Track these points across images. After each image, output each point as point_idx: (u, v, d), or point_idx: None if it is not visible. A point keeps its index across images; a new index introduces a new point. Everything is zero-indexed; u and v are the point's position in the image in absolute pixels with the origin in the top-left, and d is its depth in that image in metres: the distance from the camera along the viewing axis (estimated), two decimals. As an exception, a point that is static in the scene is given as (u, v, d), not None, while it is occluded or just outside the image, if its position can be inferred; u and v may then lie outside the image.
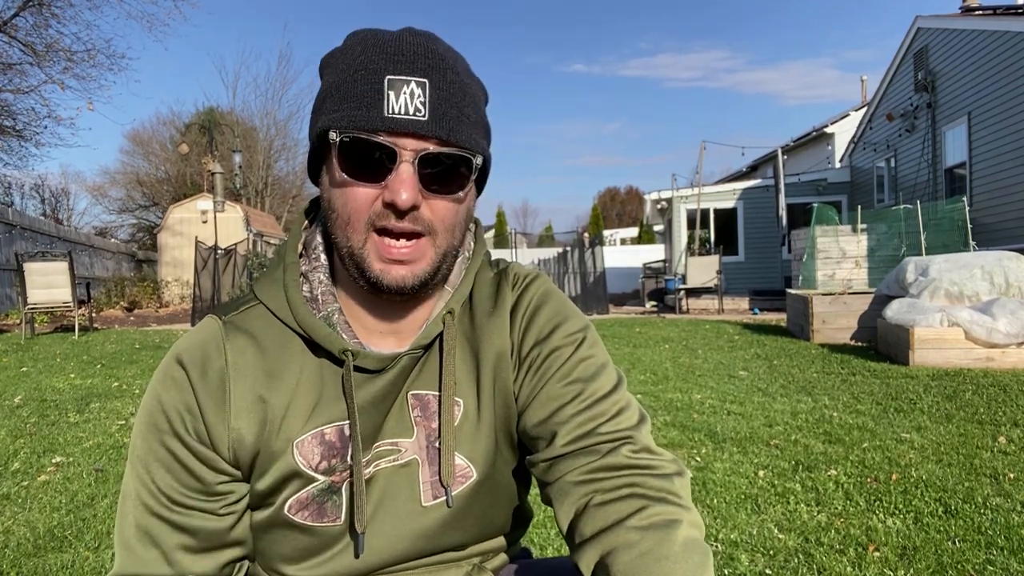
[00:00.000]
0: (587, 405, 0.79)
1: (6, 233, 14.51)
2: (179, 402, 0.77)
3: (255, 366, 0.78)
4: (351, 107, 0.71)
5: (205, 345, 0.79)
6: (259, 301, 0.82)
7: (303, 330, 0.79)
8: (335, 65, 0.76)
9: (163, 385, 0.79)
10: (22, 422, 4.72)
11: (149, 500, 0.77)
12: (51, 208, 31.42)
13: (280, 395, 0.78)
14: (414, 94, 0.70)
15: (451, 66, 0.74)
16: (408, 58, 0.71)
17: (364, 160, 0.72)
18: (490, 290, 0.88)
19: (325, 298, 0.81)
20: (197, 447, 0.77)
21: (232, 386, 0.77)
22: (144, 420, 0.79)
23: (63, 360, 7.72)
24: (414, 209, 0.72)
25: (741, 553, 2.41)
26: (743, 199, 17.09)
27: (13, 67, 15.58)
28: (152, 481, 0.77)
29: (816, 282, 10.45)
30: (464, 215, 0.78)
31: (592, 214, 41.90)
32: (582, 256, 15.32)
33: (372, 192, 0.72)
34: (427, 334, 0.81)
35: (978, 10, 12.42)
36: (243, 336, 0.80)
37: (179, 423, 0.77)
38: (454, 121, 0.72)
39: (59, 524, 2.84)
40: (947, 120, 12.29)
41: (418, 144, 0.71)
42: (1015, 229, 10.12)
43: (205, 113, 28.66)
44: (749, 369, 6.31)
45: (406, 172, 0.70)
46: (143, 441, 0.78)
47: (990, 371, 5.68)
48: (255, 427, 0.77)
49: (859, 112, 18.23)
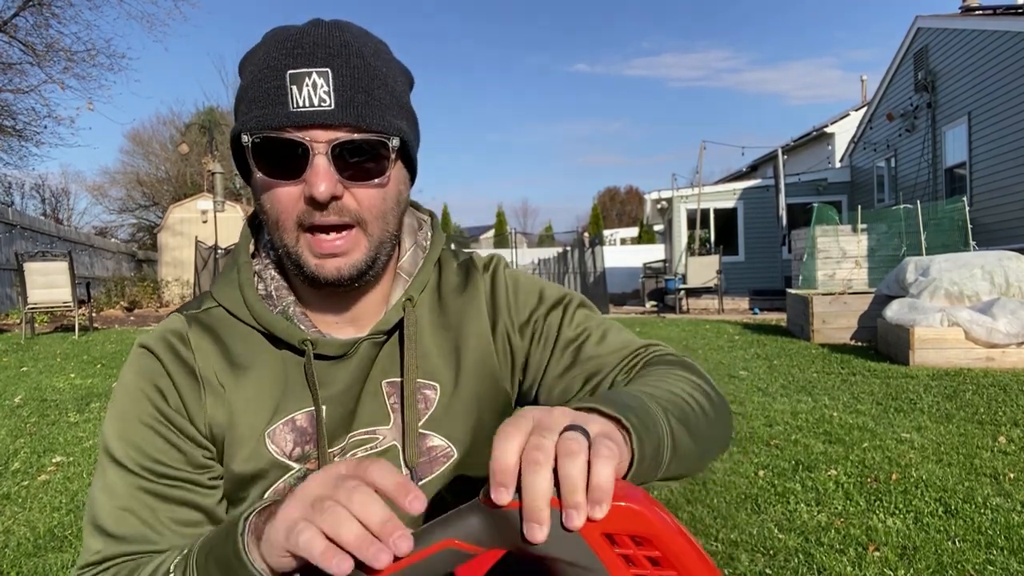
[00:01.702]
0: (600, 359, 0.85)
1: (6, 233, 14.51)
2: (153, 382, 0.78)
3: (220, 360, 0.79)
4: (258, 107, 0.71)
5: (171, 336, 0.80)
6: (218, 303, 0.83)
7: (262, 326, 0.80)
8: (246, 67, 0.76)
9: (135, 369, 0.79)
10: (22, 422, 4.72)
11: (132, 477, 0.75)
12: (51, 208, 31.46)
13: (245, 389, 0.79)
14: (317, 84, 0.70)
15: (356, 51, 0.73)
16: (307, 50, 0.71)
17: (279, 159, 0.71)
18: (459, 277, 0.90)
19: (279, 293, 0.82)
20: (177, 418, 0.77)
21: (202, 373, 0.78)
22: (119, 404, 0.78)
23: (63, 360, 7.72)
24: (336, 199, 0.72)
25: (741, 553, 2.41)
26: (743, 199, 17.09)
27: (13, 67, 15.59)
28: (138, 451, 0.75)
29: (816, 282, 10.45)
30: (393, 201, 0.77)
31: (592, 214, 41.89)
32: (582, 256, 15.33)
33: (294, 190, 0.72)
34: (386, 320, 0.82)
35: (978, 10, 12.42)
36: (207, 332, 0.81)
37: (158, 398, 0.77)
38: (362, 106, 0.71)
39: (59, 524, 2.84)
40: (947, 120, 12.28)
41: (328, 135, 0.70)
42: (1015, 229, 10.11)
43: (205, 113, 28.64)
44: (749, 369, 6.31)
45: (320, 164, 0.70)
46: (120, 423, 0.77)
47: (990, 371, 5.68)
48: (225, 414, 0.78)
49: (859, 112, 18.21)
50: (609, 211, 58.77)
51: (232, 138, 0.75)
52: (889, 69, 14.61)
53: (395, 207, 0.78)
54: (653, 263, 18.92)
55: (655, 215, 20.28)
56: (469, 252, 0.95)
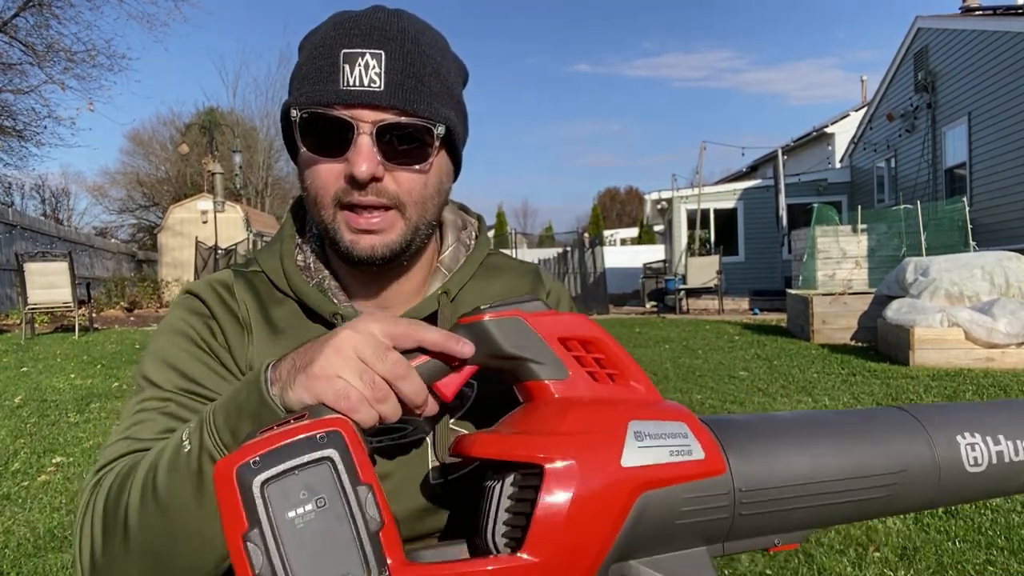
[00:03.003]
0: None
1: (6, 233, 14.52)
2: (200, 319, 0.79)
3: (259, 316, 0.80)
4: (309, 84, 0.72)
5: (217, 284, 0.82)
6: (260, 269, 0.84)
7: (296, 295, 0.80)
8: (304, 46, 0.78)
9: (180, 309, 0.80)
10: (22, 422, 4.72)
11: (167, 394, 0.74)
12: (51, 208, 31.47)
13: (277, 349, 0.78)
14: (369, 65, 0.70)
15: (412, 38, 0.73)
16: (364, 31, 0.72)
17: (324, 135, 0.72)
18: (519, 281, 0.91)
19: (317, 266, 0.84)
20: (222, 352, 0.77)
21: (245, 320, 0.79)
22: (161, 337, 0.78)
23: (63, 360, 7.72)
24: (376, 181, 0.72)
25: (741, 553, 2.41)
26: (743, 199, 17.09)
27: (13, 67, 15.61)
28: (178, 374, 0.75)
29: (816, 282, 10.45)
30: (434, 188, 0.78)
31: (592, 214, 41.91)
32: (582, 256, 15.32)
33: (335, 167, 0.73)
34: (418, 309, 0.82)
35: (978, 10, 12.42)
36: (251, 289, 0.82)
37: (205, 331, 0.78)
38: (411, 91, 0.72)
39: (59, 524, 2.84)
40: (947, 120, 12.29)
41: (375, 115, 0.71)
42: (1015, 229, 10.12)
43: (205, 113, 28.69)
44: (749, 369, 6.31)
45: (364, 144, 0.70)
46: (161, 352, 0.76)
47: (990, 371, 5.68)
48: (267, 354, 0.77)
49: (859, 112, 18.22)
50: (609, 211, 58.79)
51: (282, 114, 0.76)
52: (889, 69, 14.62)
53: (435, 195, 0.78)
54: (653, 263, 18.91)
55: (655, 215, 20.28)
56: (536, 264, 0.97)
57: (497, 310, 0.61)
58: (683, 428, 0.57)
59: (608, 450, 0.54)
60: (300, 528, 0.50)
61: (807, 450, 0.60)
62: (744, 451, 0.58)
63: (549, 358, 0.60)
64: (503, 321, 0.60)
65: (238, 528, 0.50)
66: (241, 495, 0.50)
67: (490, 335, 0.60)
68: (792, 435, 0.61)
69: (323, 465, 0.51)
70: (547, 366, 0.60)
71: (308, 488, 0.51)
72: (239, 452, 0.51)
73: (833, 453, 0.61)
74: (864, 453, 0.61)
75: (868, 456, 0.61)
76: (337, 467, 0.51)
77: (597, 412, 0.57)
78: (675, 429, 0.57)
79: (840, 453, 0.61)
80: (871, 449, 0.62)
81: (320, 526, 0.50)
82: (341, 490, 0.51)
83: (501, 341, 0.60)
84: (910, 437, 0.63)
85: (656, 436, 0.56)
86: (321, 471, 0.51)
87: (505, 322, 0.60)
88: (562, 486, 0.52)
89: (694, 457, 0.56)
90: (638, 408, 0.58)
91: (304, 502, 0.50)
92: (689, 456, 0.56)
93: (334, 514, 0.51)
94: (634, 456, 0.54)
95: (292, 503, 0.50)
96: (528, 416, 0.59)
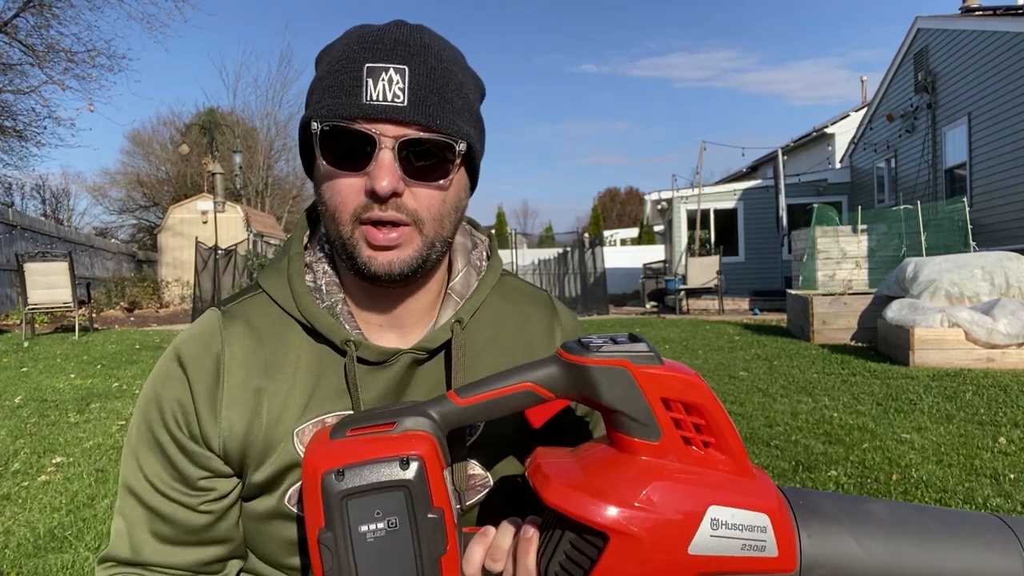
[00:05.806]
0: None
1: (6, 233, 14.51)
2: (173, 398, 0.79)
3: (252, 355, 0.79)
4: (331, 97, 0.72)
5: (203, 337, 0.80)
6: (262, 290, 0.82)
7: (306, 319, 0.79)
8: (323, 59, 0.77)
9: (160, 379, 0.81)
10: (22, 422, 4.72)
11: (133, 483, 0.80)
12: (51, 208, 31.41)
13: (278, 384, 0.78)
14: (393, 80, 0.70)
15: (435, 54, 0.73)
16: (388, 46, 0.71)
17: (345, 149, 0.71)
18: (532, 311, 0.90)
19: (329, 288, 0.82)
20: (186, 442, 0.78)
21: (226, 376, 0.78)
22: (140, 410, 0.82)
23: (63, 360, 7.72)
24: (396, 196, 0.72)
25: None
26: (743, 199, 17.08)
27: (13, 67, 15.58)
28: (139, 467, 0.79)
29: (816, 283, 10.45)
30: (452, 205, 0.77)
31: (592, 214, 41.87)
32: (582, 256, 15.32)
33: (356, 182, 0.72)
34: (431, 339, 0.80)
35: (978, 10, 12.41)
36: (241, 325, 0.80)
37: (171, 418, 0.78)
38: (435, 107, 0.71)
39: (59, 524, 2.84)
40: (947, 121, 12.28)
41: (398, 130, 0.70)
42: (1015, 229, 10.11)
43: (205, 113, 28.66)
44: (749, 370, 6.31)
45: (386, 159, 0.70)
46: (136, 430, 0.81)
47: (990, 372, 5.68)
48: (247, 416, 0.77)
49: (859, 112, 18.21)
50: (609, 212, 58.77)
51: (301, 127, 0.75)
52: (889, 70, 14.62)
53: (453, 212, 0.78)
54: (653, 264, 18.91)
55: (655, 216, 20.28)
56: (547, 291, 0.97)
57: (604, 355, 0.58)
58: (764, 521, 0.54)
59: (679, 533, 0.53)
60: (370, 542, 0.56)
61: (885, 551, 0.56)
62: (821, 547, 0.55)
63: (647, 418, 0.57)
64: (609, 370, 0.57)
65: (316, 523, 0.56)
66: (323, 499, 0.55)
67: (593, 382, 0.57)
68: (875, 533, 0.57)
69: (400, 491, 0.56)
70: (642, 425, 0.57)
71: (383, 509, 0.56)
72: (327, 452, 0.57)
73: (914, 554, 0.56)
74: (945, 558, 0.56)
75: (947, 559, 0.56)
76: (412, 495, 0.56)
77: (679, 488, 0.55)
78: (755, 521, 0.54)
79: (921, 556, 0.56)
80: (954, 555, 0.57)
81: (387, 545, 0.56)
82: (412, 518, 0.56)
83: (603, 392, 0.57)
84: (1005, 550, 0.57)
85: (732, 527, 0.54)
86: (397, 496, 0.56)
87: (611, 371, 0.57)
88: (623, 559, 0.53)
89: (767, 554, 0.54)
90: (723, 490, 0.55)
91: (377, 520, 0.56)
92: (762, 552, 0.54)
93: (402, 538, 0.56)
94: (704, 544, 0.53)
95: (366, 519, 0.56)
96: (607, 469, 0.57)
